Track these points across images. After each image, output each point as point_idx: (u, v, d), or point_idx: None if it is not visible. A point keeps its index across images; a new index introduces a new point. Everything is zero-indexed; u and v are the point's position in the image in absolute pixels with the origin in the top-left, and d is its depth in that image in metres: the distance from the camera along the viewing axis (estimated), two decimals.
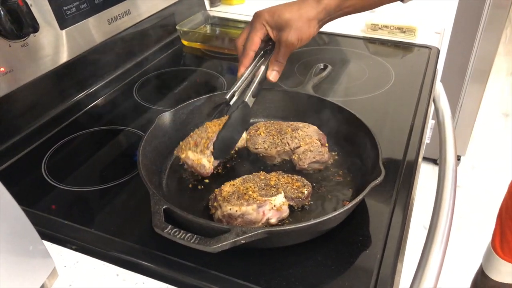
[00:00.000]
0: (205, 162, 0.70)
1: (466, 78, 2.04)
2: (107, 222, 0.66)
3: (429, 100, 0.97)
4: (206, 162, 0.70)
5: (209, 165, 0.71)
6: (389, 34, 1.25)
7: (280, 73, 0.78)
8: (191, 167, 0.71)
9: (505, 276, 1.20)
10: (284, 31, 0.74)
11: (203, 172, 0.70)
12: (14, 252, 0.49)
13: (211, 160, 0.71)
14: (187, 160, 0.70)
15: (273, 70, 0.77)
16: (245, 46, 0.76)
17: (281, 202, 0.63)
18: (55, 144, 0.84)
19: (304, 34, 0.74)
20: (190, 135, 0.74)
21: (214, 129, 0.73)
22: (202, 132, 0.73)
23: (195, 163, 0.70)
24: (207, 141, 0.71)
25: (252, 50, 0.76)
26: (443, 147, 0.93)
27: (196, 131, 0.74)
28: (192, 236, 0.54)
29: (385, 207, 0.67)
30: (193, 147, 0.71)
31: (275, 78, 0.78)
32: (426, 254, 0.67)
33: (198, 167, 0.70)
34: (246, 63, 0.77)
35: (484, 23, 1.88)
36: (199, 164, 0.70)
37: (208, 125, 0.74)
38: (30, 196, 0.71)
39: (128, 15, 1.06)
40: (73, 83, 0.96)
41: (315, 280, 0.57)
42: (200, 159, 0.70)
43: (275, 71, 0.77)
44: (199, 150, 0.71)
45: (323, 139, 0.78)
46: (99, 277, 0.58)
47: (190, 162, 0.70)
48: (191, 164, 0.70)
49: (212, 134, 0.72)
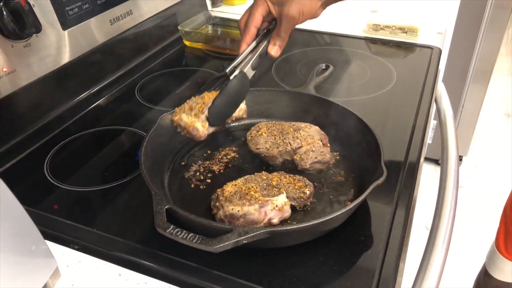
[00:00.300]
0: (199, 125, 0.69)
1: (468, 78, 2.04)
2: (109, 222, 0.66)
3: (431, 100, 0.97)
4: (200, 125, 0.69)
5: (203, 129, 0.70)
6: (391, 35, 1.25)
7: (281, 49, 0.77)
8: (183, 129, 0.69)
9: (509, 276, 1.20)
10: (285, 5, 0.73)
11: (196, 135, 0.69)
12: (17, 252, 0.49)
13: (205, 126, 0.70)
14: (180, 122, 0.69)
15: (274, 45, 0.76)
16: (247, 22, 0.76)
17: (283, 202, 0.64)
18: (57, 144, 0.84)
19: (305, 8, 0.74)
20: (186, 102, 0.73)
21: (210, 97, 0.72)
22: (198, 99, 0.72)
23: (188, 125, 0.69)
24: (203, 106, 0.70)
25: (254, 26, 0.75)
26: (445, 147, 0.93)
27: (193, 98, 0.73)
28: (194, 236, 0.54)
29: (387, 207, 0.67)
30: (187, 110, 0.70)
31: (276, 53, 0.77)
32: (428, 254, 0.67)
33: (191, 129, 0.68)
34: (248, 39, 0.76)
35: (486, 23, 1.88)
36: (192, 126, 0.68)
37: (205, 93, 0.73)
38: (32, 196, 0.71)
39: (130, 15, 1.06)
40: (75, 84, 0.96)
41: (317, 280, 0.57)
42: (194, 122, 0.69)
43: (276, 45, 0.76)
44: (194, 113, 0.69)
45: (325, 139, 0.78)
46: (102, 277, 0.58)
47: (183, 124, 0.69)
48: (184, 126, 0.69)
49: (208, 100, 0.71)
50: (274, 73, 1.08)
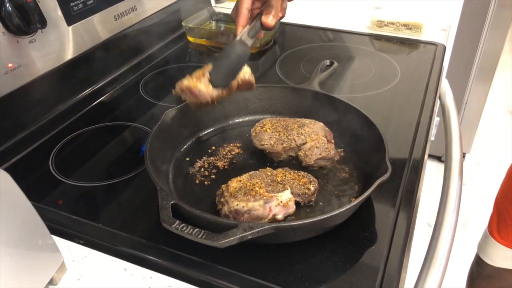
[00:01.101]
0: (201, 86, 0.67)
1: (472, 75, 2.03)
2: (114, 217, 0.66)
3: (435, 97, 0.97)
4: (203, 86, 0.67)
5: (206, 90, 0.68)
6: (395, 31, 1.25)
7: (276, 18, 0.75)
8: (187, 93, 0.67)
9: (503, 261, 1.20)
10: None
11: (202, 96, 0.67)
12: (24, 246, 0.49)
13: (209, 87, 0.68)
14: (182, 87, 0.68)
15: (268, 14, 0.74)
16: (238, 5, 0.74)
17: (288, 198, 0.64)
18: (62, 139, 0.84)
19: None
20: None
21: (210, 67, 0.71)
22: (198, 70, 0.71)
23: (191, 87, 0.67)
24: (203, 70, 0.69)
25: (246, 8, 0.74)
26: (448, 144, 0.93)
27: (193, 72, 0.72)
28: (199, 231, 0.54)
29: (391, 203, 0.68)
30: (189, 77, 0.69)
31: (272, 22, 0.74)
32: (432, 251, 0.68)
33: (195, 91, 0.67)
34: (243, 22, 0.75)
35: (490, 20, 1.87)
36: (196, 88, 0.67)
37: (205, 65, 0.72)
38: (37, 191, 0.71)
39: (134, 11, 1.06)
40: (80, 79, 0.96)
41: (322, 276, 0.57)
42: (196, 84, 0.67)
43: (270, 15, 0.74)
44: (194, 77, 0.68)
45: (330, 135, 0.78)
46: (107, 272, 0.58)
47: (185, 87, 0.67)
48: (187, 89, 0.67)
49: (208, 67, 0.70)
50: (278, 69, 1.08)
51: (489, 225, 1.21)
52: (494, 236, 1.18)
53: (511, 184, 1.14)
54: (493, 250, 1.20)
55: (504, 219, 1.15)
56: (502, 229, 1.16)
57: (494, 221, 1.18)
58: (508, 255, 1.16)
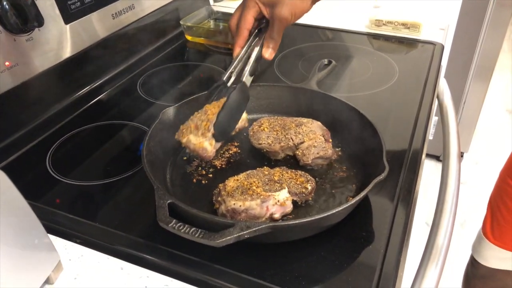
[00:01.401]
0: (207, 145, 0.69)
1: (470, 74, 2.03)
2: (111, 216, 0.66)
3: (433, 97, 0.97)
4: (208, 145, 0.69)
5: (211, 148, 0.70)
6: (393, 30, 1.24)
7: (275, 50, 0.77)
8: (193, 151, 0.70)
9: (496, 262, 1.20)
10: (277, 7, 0.73)
11: (205, 155, 0.69)
12: (20, 245, 0.49)
13: (212, 143, 0.70)
14: (188, 144, 0.70)
15: (268, 48, 0.76)
16: (239, 25, 0.76)
17: (285, 197, 0.64)
18: (59, 138, 0.84)
19: (297, 9, 0.74)
20: (191, 118, 0.73)
21: (213, 111, 0.72)
22: (202, 115, 0.72)
23: (197, 147, 0.69)
24: (208, 123, 0.70)
25: (246, 29, 0.75)
26: (446, 143, 0.93)
27: (196, 114, 0.73)
28: (196, 230, 0.54)
29: (389, 202, 0.68)
30: (194, 130, 0.70)
31: (270, 56, 0.77)
32: (429, 250, 0.68)
33: (200, 151, 0.69)
34: (241, 42, 0.76)
35: (488, 19, 1.87)
36: (201, 147, 0.69)
37: (207, 107, 0.73)
38: (34, 190, 0.71)
39: (132, 10, 1.06)
40: (77, 78, 0.96)
41: (319, 275, 0.57)
42: (202, 143, 0.69)
43: (270, 48, 0.76)
44: (200, 133, 0.70)
45: (327, 134, 0.78)
46: (104, 271, 0.58)
47: (192, 146, 0.69)
48: (193, 148, 0.69)
49: (212, 116, 0.71)
50: (276, 68, 1.08)
51: (483, 226, 1.21)
52: (487, 237, 1.18)
53: (504, 185, 1.14)
54: (487, 251, 1.20)
55: (498, 219, 1.15)
56: (495, 230, 1.16)
57: (488, 221, 1.18)
58: (502, 256, 1.17)
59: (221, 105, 0.73)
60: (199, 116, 0.73)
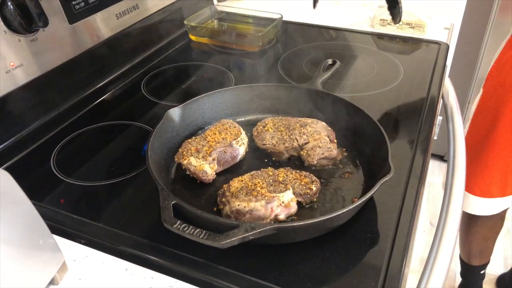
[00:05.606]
0: (207, 168, 0.71)
1: (475, 74, 2.02)
2: (116, 217, 0.66)
3: (438, 97, 0.96)
4: (208, 168, 0.71)
5: (211, 172, 0.71)
6: (398, 30, 1.24)
7: None
8: (193, 173, 0.71)
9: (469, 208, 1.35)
10: None
11: (205, 178, 0.70)
12: (25, 245, 0.49)
13: (213, 167, 0.72)
14: (189, 166, 0.71)
15: None
16: None
17: (290, 199, 0.63)
18: (63, 138, 0.84)
19: None
20: (188, 141, 0.74)
21: (213, 137, 0.74)
22: (201, 140, 0.74)
23: (197, 170, 0.70)
24: (210, 149, 0.72)
25: None
26: (451, 143, 0.93)
27: (194, 139, 0.75)
28: (201, 231, 0.54)
29: (394, 204, 0.67)
30: (195, 153, 0.72)
31: None
32: (435, 250, 0.67)
33: (200, 174, 0.70)
34: None
35: (493, 18, 1.86)
36: (202, 170, 0.70)
37: (207, 133, 0.75)
38: (39, 190, 0.71)
39: (136, 10, 1.06)
40: (82, 78, 0.96)
41: (324, 276, 0.57)
42: (202, 165, 0.70)
43: None
44: (201, 156, 0.71)
45: (332, 135, 0.78)
46: (108, 271, 0.58)
47: (192, 169, 0.70)
48: (194, 171, 0.70)
49: (212, 143, 0.73)
50: (280, 68, 1.08)
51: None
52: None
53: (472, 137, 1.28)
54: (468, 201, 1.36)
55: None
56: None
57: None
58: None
59: (220, 130, 0.75)
60: (197, 140, 0.74)
